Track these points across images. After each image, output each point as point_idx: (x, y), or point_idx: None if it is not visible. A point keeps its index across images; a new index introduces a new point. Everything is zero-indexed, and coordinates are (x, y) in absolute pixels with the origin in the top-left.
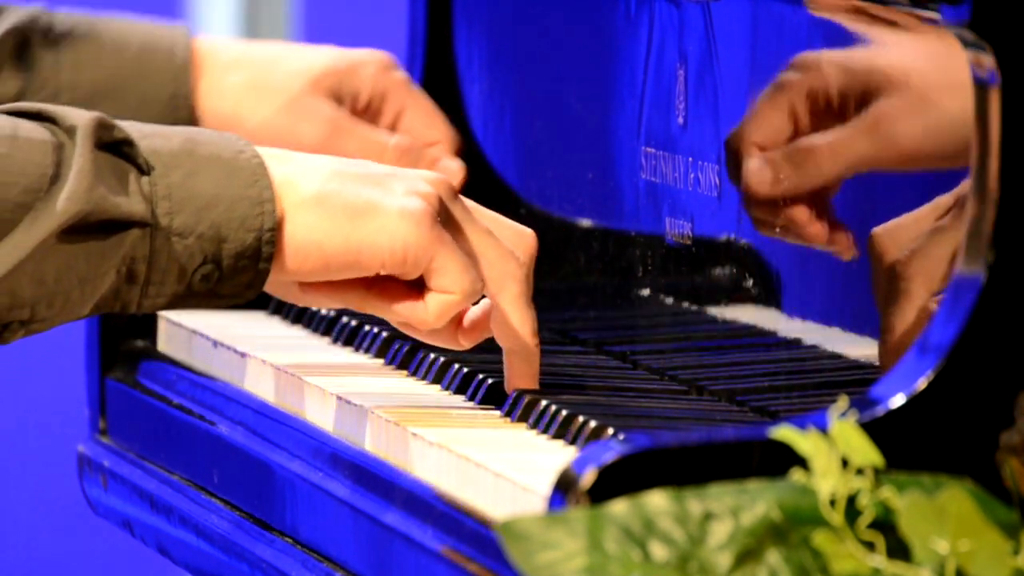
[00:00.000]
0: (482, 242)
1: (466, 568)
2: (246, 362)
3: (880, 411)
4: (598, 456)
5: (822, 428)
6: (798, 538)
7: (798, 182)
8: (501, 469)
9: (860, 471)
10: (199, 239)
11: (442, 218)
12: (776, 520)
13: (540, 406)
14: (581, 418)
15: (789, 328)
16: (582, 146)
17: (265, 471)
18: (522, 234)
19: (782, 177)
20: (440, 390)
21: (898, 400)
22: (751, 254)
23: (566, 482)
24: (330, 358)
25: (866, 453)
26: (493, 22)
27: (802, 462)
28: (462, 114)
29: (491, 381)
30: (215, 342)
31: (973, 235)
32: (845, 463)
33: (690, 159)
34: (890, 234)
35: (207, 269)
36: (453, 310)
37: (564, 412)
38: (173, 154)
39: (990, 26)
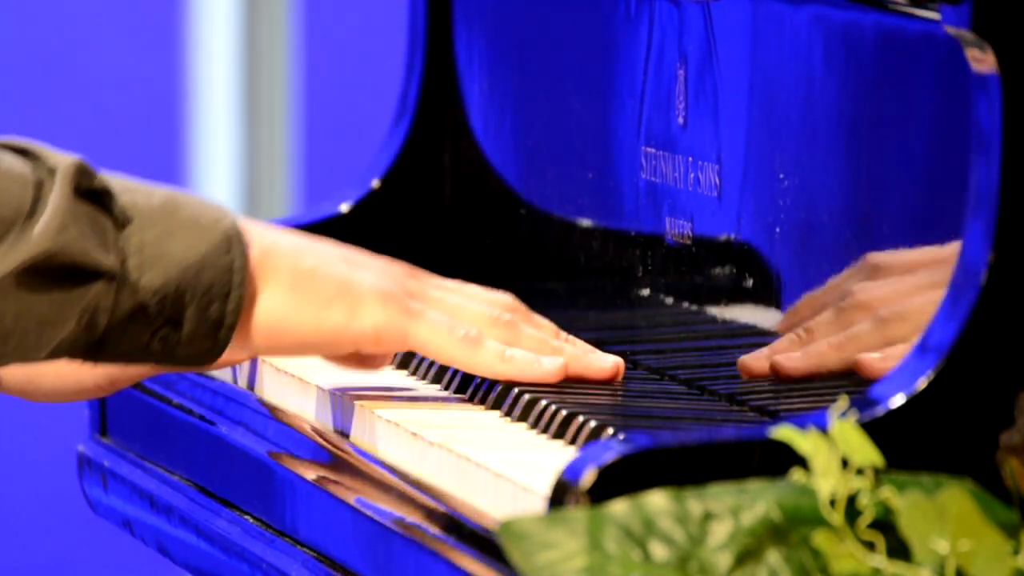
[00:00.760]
0: (457, 305)
1: (466, 568)
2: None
3: (880, 411)
4: (598, 456)
5: (822, 428)
6: (798, 538)
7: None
8: (501, 469)
9: (860, 471)
10: (163, 299)
11: (413, 292)
12: (776, 520)
13: (540, 406)
14: (581, 418)
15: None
16: (582, 146)
17: (265, 471)
18: (496, 295)
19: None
20: (440, 390)
21: (898, 400)
22: (751, 254)
23: (566, 482)
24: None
25: (866, 453)
26: (493, 22)
27: (802, 462)
28: (462, 114)
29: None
30: None
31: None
32: (845, 463)
33: (690, 159)
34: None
35: (166, 331)
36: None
37: (564, 412)
38: (152, 211)
39: (990, 26)
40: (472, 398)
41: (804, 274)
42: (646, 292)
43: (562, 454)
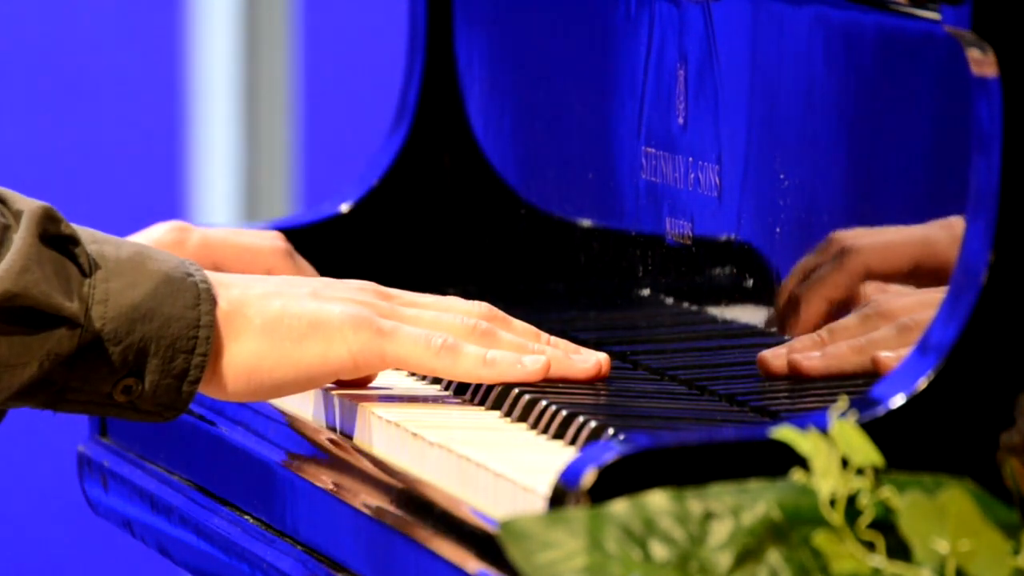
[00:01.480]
0: (432, 319)
1: (466, 568)
2: None
3: (880, 411)
4: (598, 456)
5: (822, 428)
6: (798, 538)
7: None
8: (501, 469)
9: (860, 471)
10: (127, 349)
11: (385, 312)
12: (776, 520)
13: (540, 406)
14: (581, 418)
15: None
16: (582, 146)
17: (265, 471)
18: (471, 305)
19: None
20: (440, 390)
21: (898, 400)
22: (751, 254)
23: (566, 482)
24: None
25: (866, 453)
26: (493, 22)
27: (802, 462)
28: (462, 114)
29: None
30: None
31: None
32: (845, 463)
33: (690, 159)
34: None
35: (130, 381)
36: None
37: (564, 412)
38: (120, 262)
39: (990, 26)
40: (472, 398)
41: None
42: (646, 292)
43: (562, 454)
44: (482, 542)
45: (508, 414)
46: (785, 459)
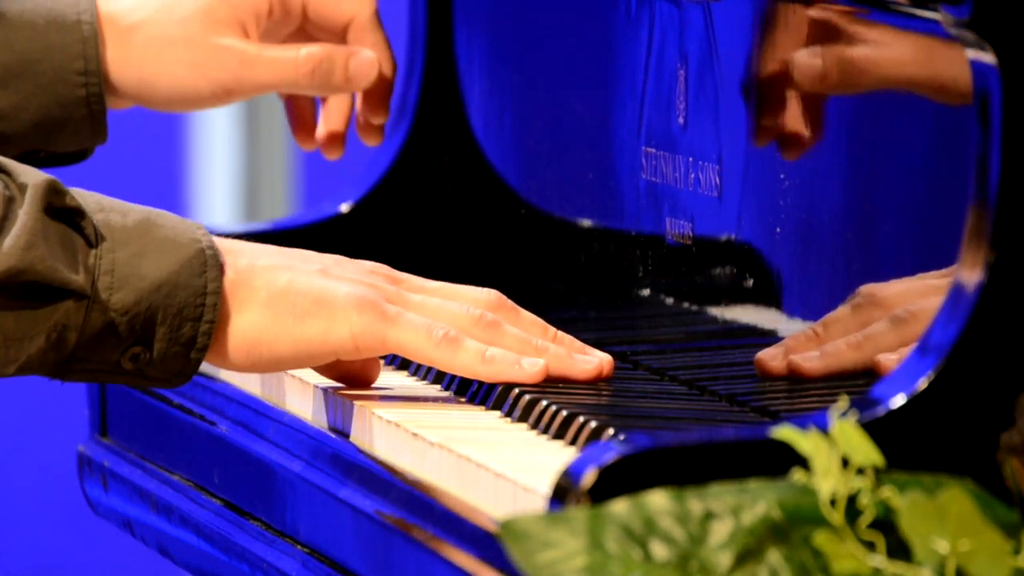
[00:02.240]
0: (437, 306)
1: (466, 568)
2: None
3: (881, 411)
4: (598, 456)
5: (823, 428)
6: (799, 537)
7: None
8: (501, 469)
9: (861, 471)
10: (134, 319)
11: (391, 297)
12: (777, 519)
13: (540, 406)
14: (581, 418)
15: (789, 328)
16: (582, 146)
17: (265, 471)
18: (480, 293)
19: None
20: (440, 390)
21: (898, 400)
22: (751, 254)
23: (566, 482)
24: None
25: (867, 453)
26: (493, 22)
27: (803, 462)
28: (462, 114)
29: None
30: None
31: (973, 236)
32: (846, 463)
33: (690, 159)
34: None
35: (137, 350)
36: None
37: (564, 412)
38: (126, 231)
39: (990, 26)
40: (472, 399)
41: (804, 274)
42: (646, 292)
43: (562, 454)
44: (482, 542)
45: (508, 414)
46: (785, 459)
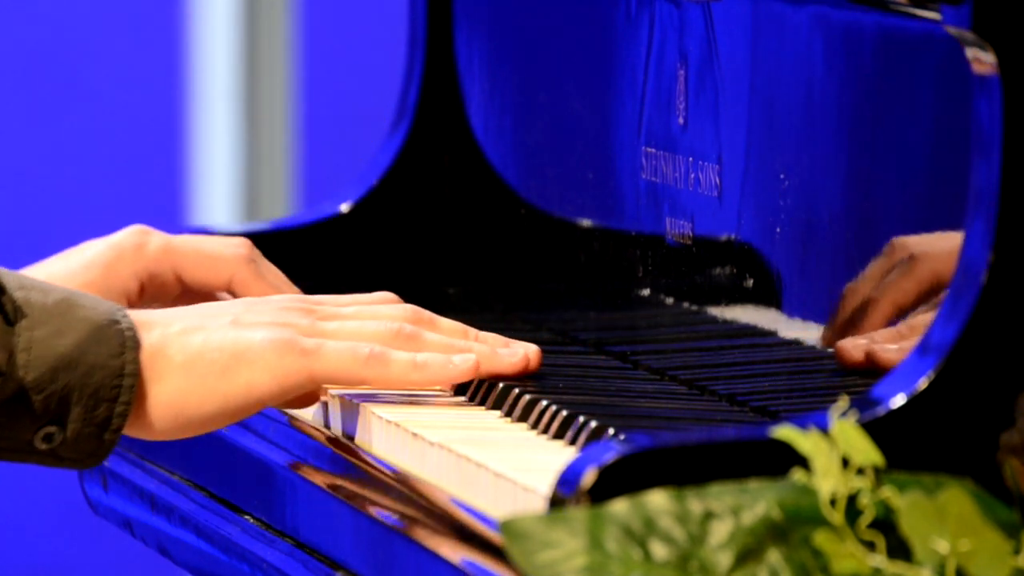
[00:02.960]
0: (355, 329)
1: (466, 568)
2: None
3: (881, 411)
4: (598, 456)
5: (823, 428)
6: (799, 538)
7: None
8: (501, 469)
9: (861, 471)
10: (49, 397)
11: (307, 331)
12: (777, 519)
13: (540, 406)
14: (581, 418)
15: (789, 328)
16: (582, 146)
17: (265, 471)
18: (395, 308)
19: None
20: (440, 390)
21: (898, 400)
22: (751, 254)
23: (566, 482)
24: None
25: (867, 453)
26: (493, 22)
27: (803, 462)
28: (462, 114)
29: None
30: None
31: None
32: (846, 463)
33: (690, 159)
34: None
35: (51, 429)
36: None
37: (564, 412)
38: (45, 309)
39: (990, 26)
40: (472, 398)
41: (804, 274)
42: (646, 292)
43: (562, 454)
44: (482, 542)
45: (508, 414)
46: (785, 459)
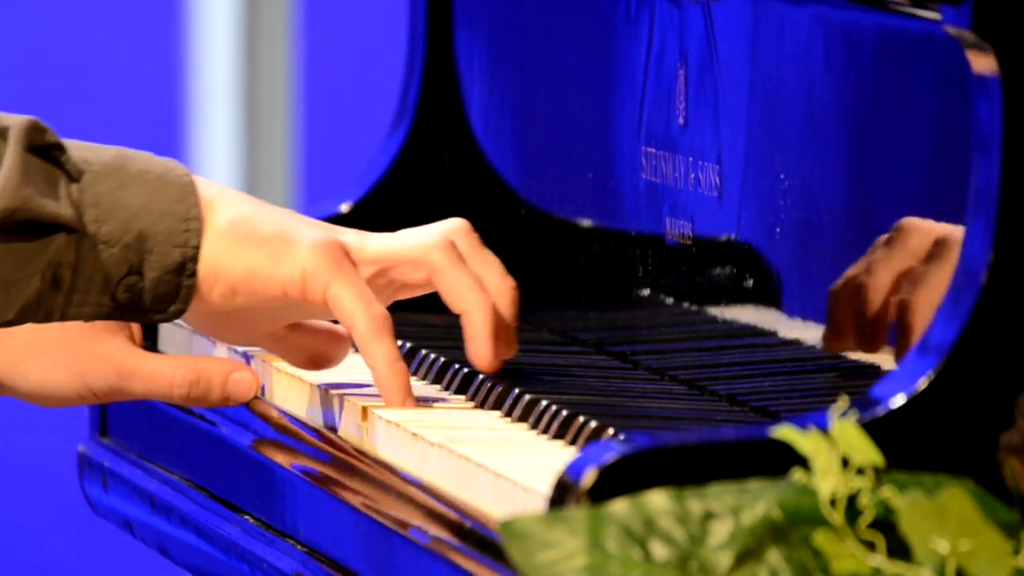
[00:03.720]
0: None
1: (466, 568)
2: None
3: (880, 411)
4: (598, 456)
5: (822, 428)
6: (799, 537)
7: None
8: (501, 469)
9: (861, 471)
10: (125, 248)
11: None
12: (777, 519)
13: (540, 406)
14: (581, 418)
15: (789, 328)
16: (582, 146)
17: (265, 471)
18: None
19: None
20: (440, 390)
21: (898, 400)
22: (751, 254)
23: (566, 482)
24: None
25: (867, 453)
26: (493, 22)
27: (802, 462)
28: (462, 114)
29: (492, 381)
30: (214, 341)
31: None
32: (846, 463)
33: (690, 159)
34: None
35: (131, 280)
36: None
37: (564, 412)
38: (104, 165)
39: (990, 26)
40: (473, 398)
41: (804, 274)
42: (646, 292)
43: (562, 454)
44: (482, 542)
45: (508, 414)
46: (785, 459)
